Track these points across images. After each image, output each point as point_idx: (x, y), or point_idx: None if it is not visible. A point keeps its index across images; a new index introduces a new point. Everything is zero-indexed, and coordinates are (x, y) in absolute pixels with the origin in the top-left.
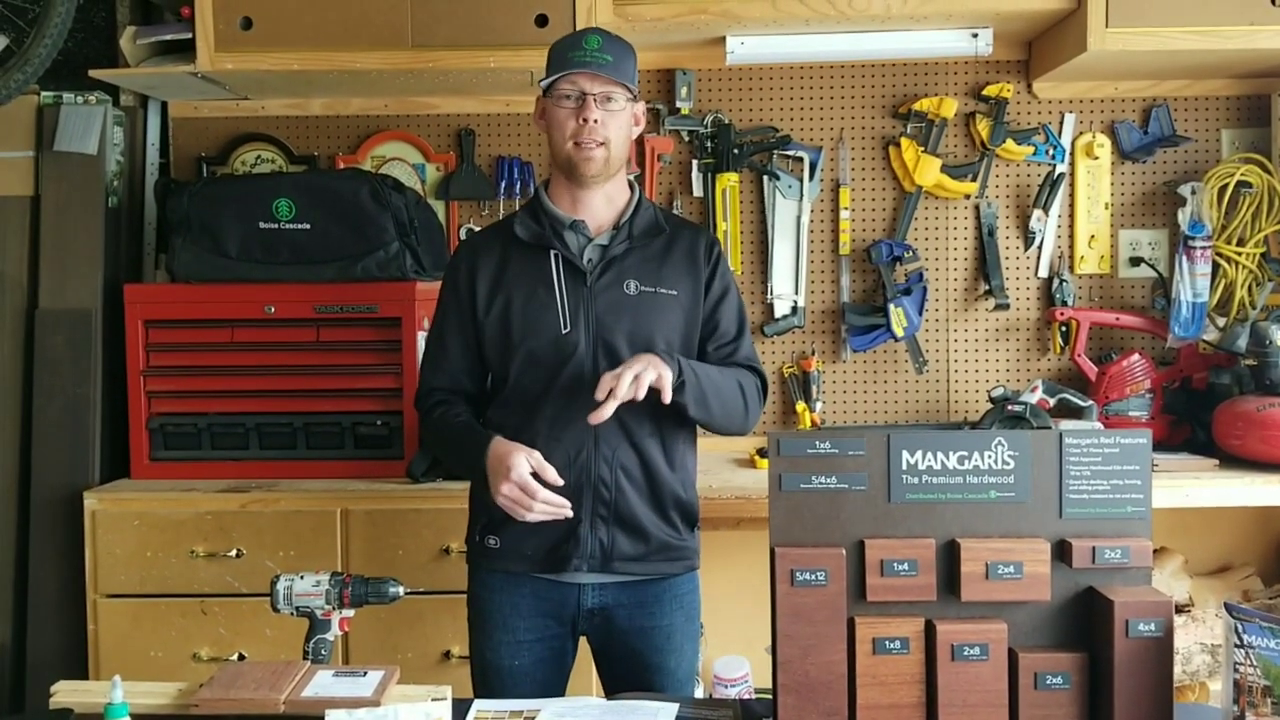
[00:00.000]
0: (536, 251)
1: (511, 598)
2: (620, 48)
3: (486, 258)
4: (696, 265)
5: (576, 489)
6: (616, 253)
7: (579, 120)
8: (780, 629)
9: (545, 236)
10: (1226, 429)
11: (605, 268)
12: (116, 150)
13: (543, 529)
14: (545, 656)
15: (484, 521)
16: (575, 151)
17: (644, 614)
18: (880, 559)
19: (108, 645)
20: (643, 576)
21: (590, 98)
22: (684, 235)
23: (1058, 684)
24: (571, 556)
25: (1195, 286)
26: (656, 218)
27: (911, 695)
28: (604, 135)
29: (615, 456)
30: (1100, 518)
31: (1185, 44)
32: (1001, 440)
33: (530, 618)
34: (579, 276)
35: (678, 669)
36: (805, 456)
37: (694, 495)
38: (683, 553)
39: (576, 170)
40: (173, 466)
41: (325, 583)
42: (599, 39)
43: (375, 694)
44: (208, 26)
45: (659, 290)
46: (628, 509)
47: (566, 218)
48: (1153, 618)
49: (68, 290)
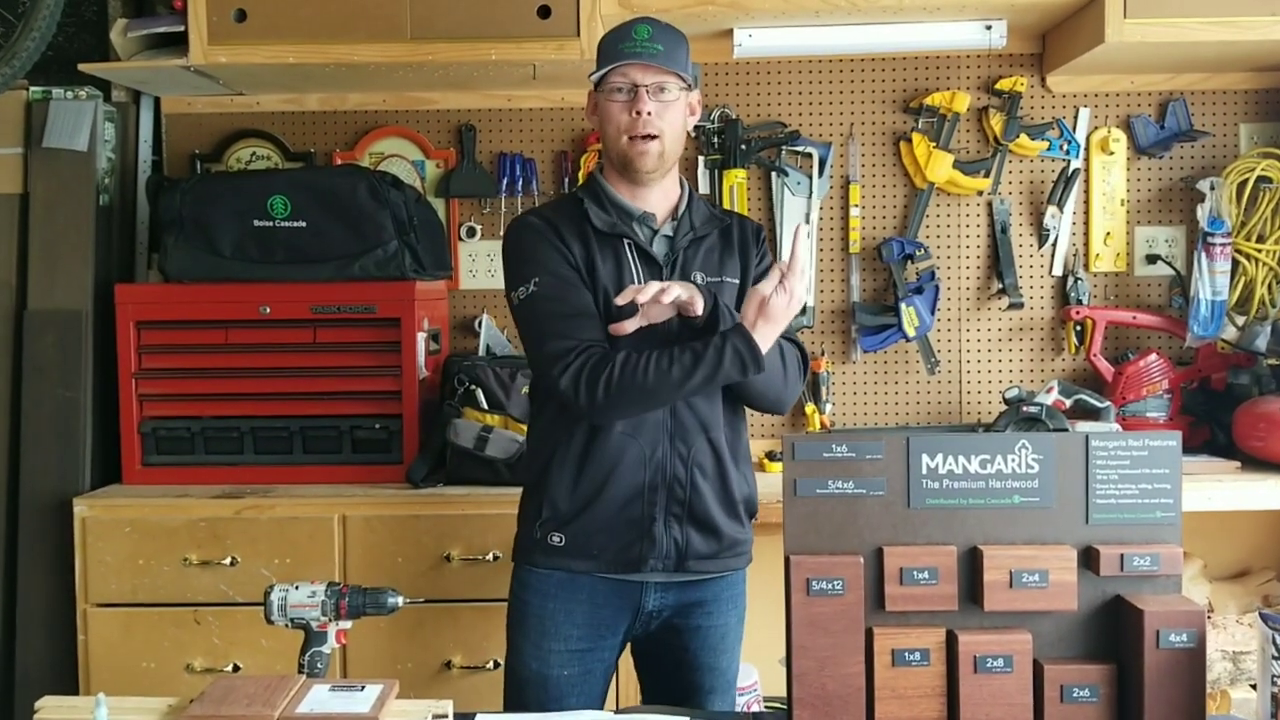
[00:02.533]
0: (612, 240)
1: (567, 603)
2: (672, 36)
3: (571, 240)
4: (748, 252)
5: (651, 488)
6: (683, 245)
7: (631, 113)
8: (796, 640)
9: (619, 226)
10: (1248, 430)
11: (674, 259)
12: (108, 147)
13: (614, 527)
14: (595, 668)
15: (547, 516)
16: (629, 146)
17: (702, 614)
18: (900, 567)
19: (98, 656)
20: (713, 575)
21: (643, 89)
22: (735, 224)
23: (1085, 697)
24: (648, 557)
25: (1214, 284)
26: (708, 209)
27: (932, 709)
28: (658, 127)
29: (691, 454)
30: (1128, 523)
31: (1205, 35)
32: (1025, 443)
33: (585, 625)
34: (654, 268)
35: (729, 669)
36: (821, 460)
37: (755, 484)
38: (744, 546)
39: (632, 165)
40: (165, 472)
41: (321, 593)
42: (649, 28)
43: (373, 710)
44: (200, 18)
45: (723, 280)
46: (702, 507)
47: (636, 209)
48: (1185, 628)
49: (57, 290)
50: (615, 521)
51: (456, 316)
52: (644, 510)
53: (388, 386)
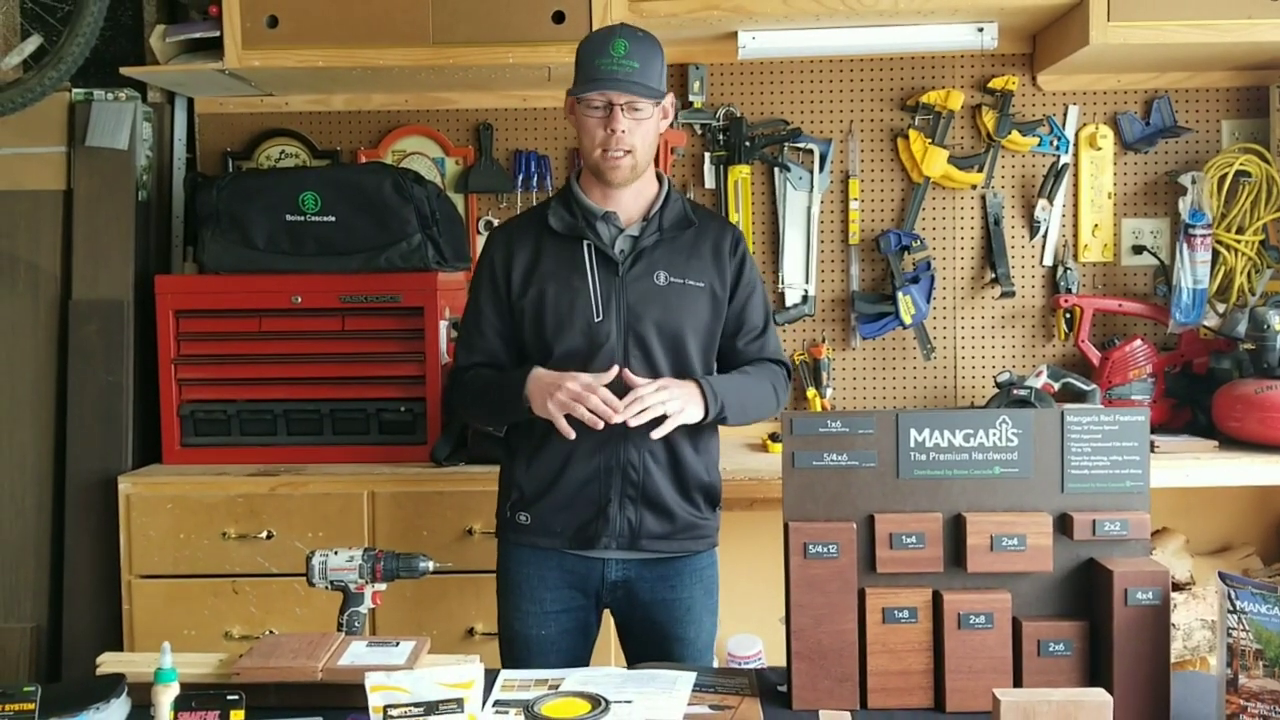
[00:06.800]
0: (570, 241)
1: (539, 570)
2: (646, 48)
3: (521, 245)
4: (722, 260)
5: (606, 471)
6: (646, 244)
7: (606, 130)
8: (794, 599)
9: (578, 227)
10: (1226, 411)
11: (636, 258)
12: (146, 145)
13: (573, 506)
14: (570, 627)
15: (515, 498)
16: (602, 159)
17: (664, 587)
18: (889, 532)
19: (142, 624)
20: (667, 554)
21: (617, 108)
22: (710, 229)
23: (1060, 651)
24: (601, 535)
25: (1196, 274)
26: (685, 210)
27: (920, 662)
28: (630, 144)
29: (643, 441)
30: (1100, 492)
31: (1185, 37)
32: (1006, 418)
33: (556, 589)
34: (611, 266)
35: (697, 639)
36: (817, 435)
37: (717, 477)
38: (705, 530)
39: (604, 176)
40: (203, 452)
41: (359, 558)
42: (625, 44)
43: (408, 663)
44: (235, 25)
45: (687, 282)
46: (654, 490)
47: (599, 209)
48: (1150, 587)
49: (100, 281)
50: (574, 501)
51: None
52: (600, 491)
53: (412, 371)
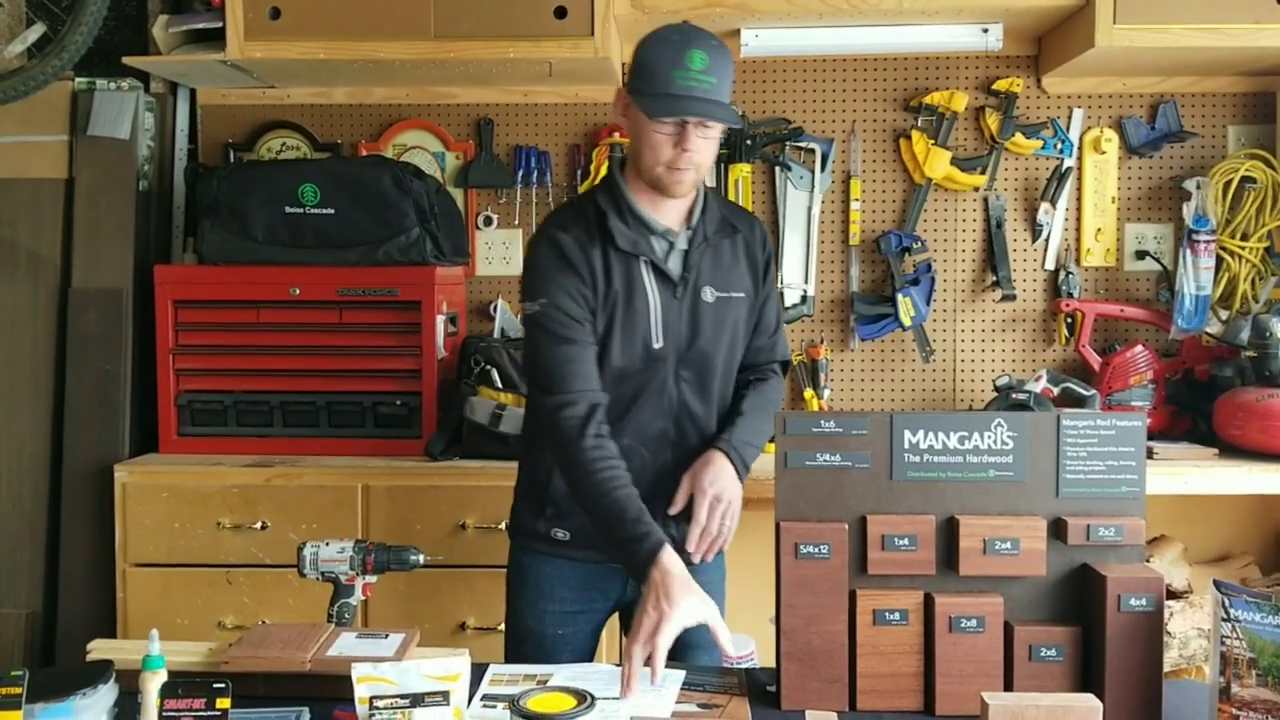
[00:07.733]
0: (628, 256)
1: (563, 573)
2: (722, 61)
3: (593, 257)
4: (755, 263)
5: (653, 493)
6: (695, 259)
7: (676, 148)
8: (784, 599)
9: (641, 245)
10: (1227, 419)
11: (688, 277)
12: (147, 135)
13: None
14: (586, 629)
15: (551, 514)
16: (666, 174)
17: None
18: (882, 534)
19: (136, 613)
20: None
21: (690, 126)
22: (743, 229)
23: (1051, 656)
24: None
25: (1199, 280)
26: (721, 214)
27: (910, 665)
28: (697, 162)
29: (688, 461)
30: (1095, 497)
31: (1191, 41)
32: (1001, 421)
33: (579, 591)
34: (669, 287)
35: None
36: (811, 435)
37: None
38: None
39: (664, 190)
40: (200, 442)
41: (350, 549)
42: (703, 57)
43: (396, 655)
44: (237, 16)
45: (731, 295)
46: None
47: (659, 224)
48: (1144, 593)
49: (99, 270)
50: None
51: (473, 301)
52: None
53: (409, 365)
